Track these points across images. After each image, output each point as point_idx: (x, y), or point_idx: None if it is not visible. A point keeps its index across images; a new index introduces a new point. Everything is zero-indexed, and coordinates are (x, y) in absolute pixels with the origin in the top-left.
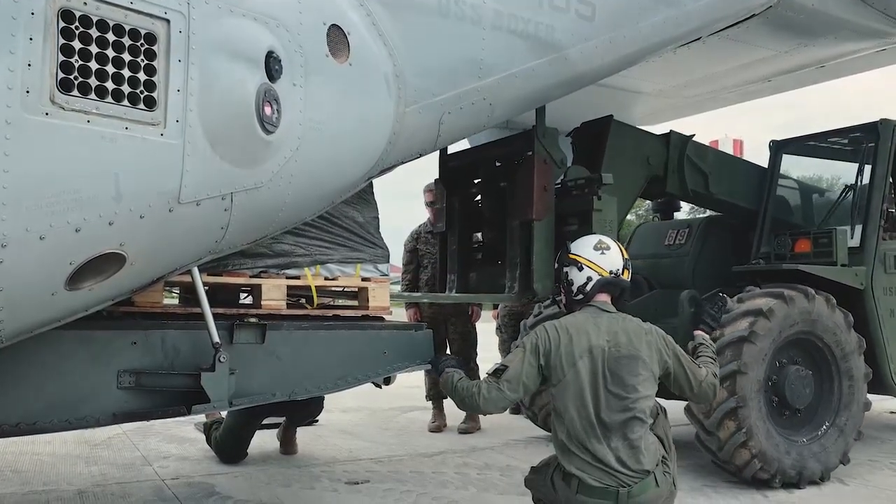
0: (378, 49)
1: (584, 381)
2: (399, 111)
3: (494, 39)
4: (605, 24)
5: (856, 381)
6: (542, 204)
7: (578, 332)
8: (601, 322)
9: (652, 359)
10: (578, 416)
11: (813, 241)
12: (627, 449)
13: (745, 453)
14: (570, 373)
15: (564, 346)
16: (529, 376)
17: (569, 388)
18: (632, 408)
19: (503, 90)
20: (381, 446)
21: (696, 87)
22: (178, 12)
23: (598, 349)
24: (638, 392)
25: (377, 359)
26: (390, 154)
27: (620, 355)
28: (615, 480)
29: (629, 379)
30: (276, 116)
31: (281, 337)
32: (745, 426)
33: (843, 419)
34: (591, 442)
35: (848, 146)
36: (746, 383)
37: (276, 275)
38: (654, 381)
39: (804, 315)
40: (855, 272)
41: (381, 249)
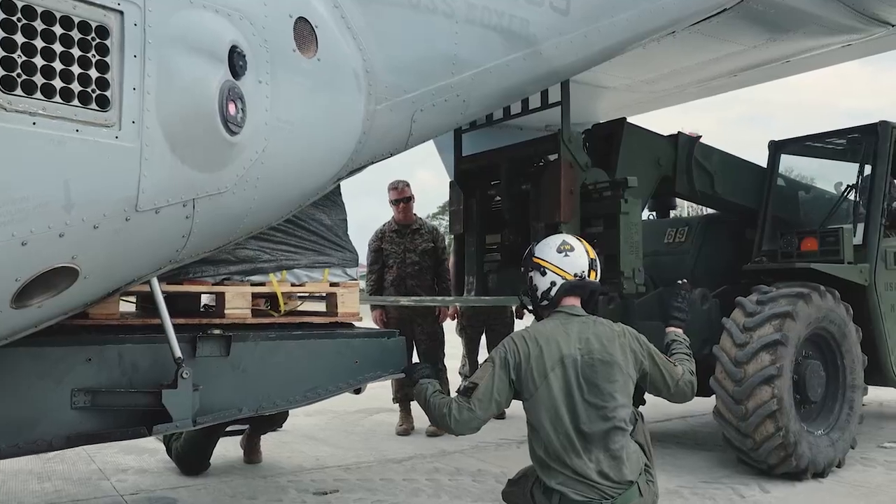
0: (347, 43)
1: (558, 394)
2: (369, 109)
3: (468, 33)
4: (579, 18)
5: (857, 369)
6: (568, 207)
7: (548, 341)
8: (571, 328)
9: (627, 362)
10: (554, 431)
11: (820, 240)
12: (609, 460)
13: (782, 452)
14: (542, 386)
15: (535, 359)
16: (501, 392)
17: (542, 402)
18: (611, 416)
19: (477, 86)
20: (348, 452)
21: (662, 82)
22: (132, 3)
23: (569, 359)
24: (616, 400)
25: (348, 368)
26: (361, 154)
27: (594, 362)
28: (598, 493)
29: (606, 386)
30: (241, 116)
31: (246, 349)
32: (782, 427)
33: (848, 406)
34: (571, 457)
35: (846, 147)
36: (783, 385)
37: (241, 282)
38: (631, 386)
39: (820, 312)
40: (860, 269)
41: (350, 253)
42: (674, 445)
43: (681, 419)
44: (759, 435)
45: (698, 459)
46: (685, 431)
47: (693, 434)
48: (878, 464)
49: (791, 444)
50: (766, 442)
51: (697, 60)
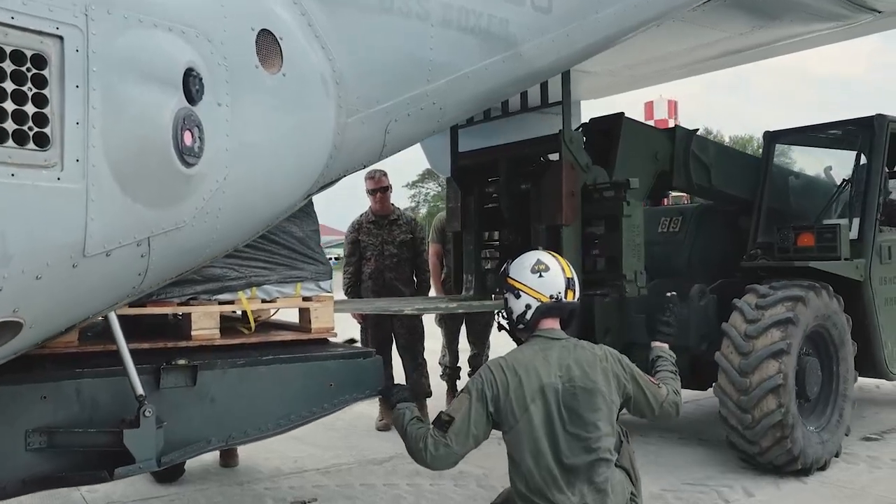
0: (315, 54)
1: (539, 427)
2: (340, 122)
3: (444, 37)
4: (562, 16)
5: (849, 363)
6: (570, 209)
7: (528, 370)
8: (551, 355)
9: (610, 388)
10: (536, 466)
11: (817, 236)
12: (594, 493)
13: (778, 433)
14: (523, 419)
15: (514, 390)
16: (478, 426)
17: (522, 435)
18: (595, 448)
19: (454, 92)
20: (327, 452)
21: (645, 67)
22: (73, 27)
23: (550, 388)
24: (599, 430)
25: (322, 392)
26: (331, 169)
27: (576, 390)
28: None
29: (589, 416)
30: (199, 145)
31: (214, 377)
32: (784, 405)
33: (839, 413)
34: (553, 492)
35: (842, 139)
36: (789, 363)
37: (208, 301)
38: (615, 413)
39: (824, 309)
40: (856, 265)
41: (323, 265)
42: (656, 439)
43: None
44: (759, 411)
45: (681, 456)
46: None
47: (676, 426)
48: (860, 460)
49: (789, 426)
50: (766, 418)
51: (682, 47)
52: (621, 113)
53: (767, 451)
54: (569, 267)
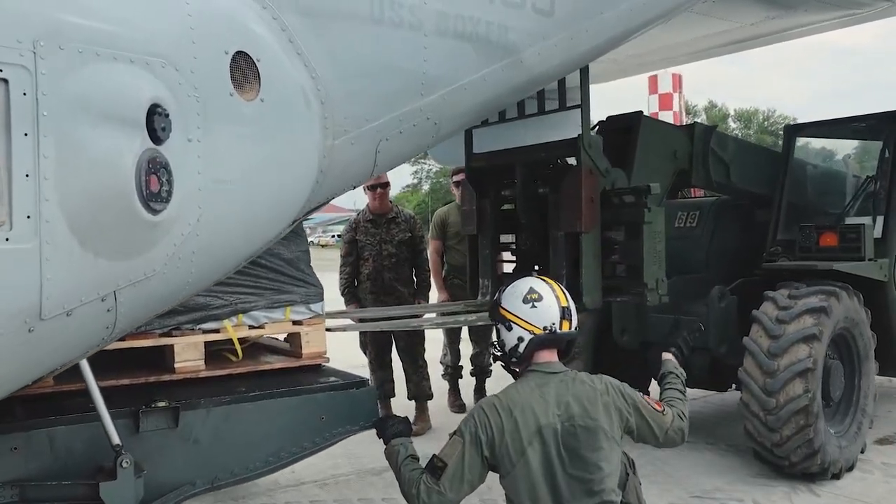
0: (297, 73)
1: (537, 471)
2: (326, 145)
3: (439, 47)
4: (565, 19)
5: (871, 378)
6: (589, 216)
7: (524, 411)
8: (548, 392)
9: (612, 424)
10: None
11: (840, 236)
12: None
13: (807, 450)
14: (520, 463)
15: (510, 433)
16: (473, 471)
17: (520, 481)
18: (598, 490)
19: (450, 105)
20: (326, 462)
21: (652, 55)
22: (19, 67)
23: (548, 429)
24: (602, 470)
25: (313, 426)
26: (318, 194)
27: (576, 430)
28: None
29: (590, 456)
30: (167, 189)
31: (197, 417)
32: (811, 423)
33: (857, 425)
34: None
35: (866, 132)
36: (815, 379)
37: (192, 330)
38: (618, 450)
39: (848, 312)
40: (880, 265)
41: (314, 287)
42: None
43: None
44: (788, 430)
45: (690, 464)
46: None
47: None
48: (875, 468)
49: (818, 441)
50: (795, 436)
51: (690, 37)
52: (639, 112)
53: (788, 441)
54: (564, 295)
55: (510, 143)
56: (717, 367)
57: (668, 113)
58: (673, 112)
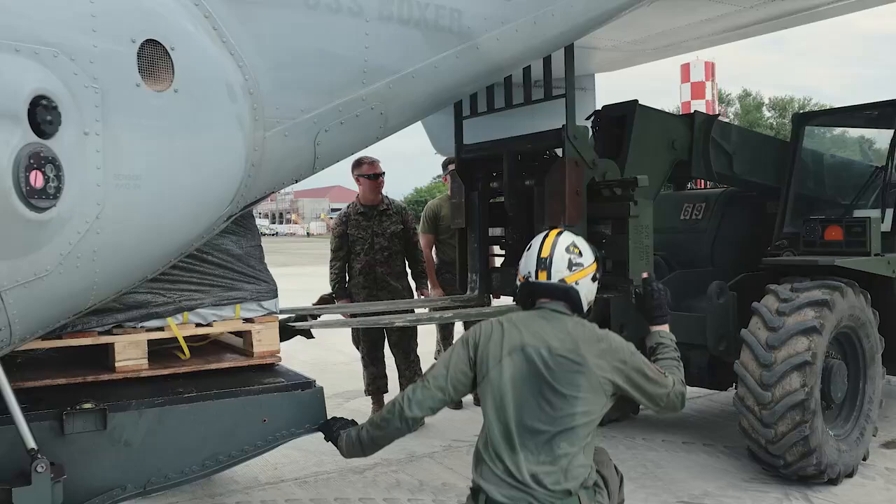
0: (221, 62)
1: (507, 382)
2: (256, 138)
3: (382, 33)
4: (527, 2)
5: (878, 366)
6: (574, 209)
7: (515, 327)
8: (547, 324)
9: (603, 370)
10: (497, 420)
11: (846, 230)
12: (548, 465)
13: (802, 449)
14: (495, 370)
15: (494, 340)
16: (458, 370)
17: (490, 386)
18: (562, 419)
19: (398, 95)
20: (309, 457)
21: (653, 42)
22: None
23: (532, 349)
24: (573, 407)
25: (255, 428)
26: (252, 189)
27: (560, 361)
28: (526, 499)
29: (565, 389)
30: (54, 185)
31: (128, 419)
32: (808, 419)
33: (860, 430)
34: (505, 452)
35: (875, 122)
36: (813, 374)
37: (134, 329)
38: (600, 397)
39: (852, 310)
40: (888, 261)
41: (267, 284)
42: (660, 444)
43: None
44: (783, 426)
45: (682, 467)
46: (674, 422)
47: (682, 429)
48: (878, 473)
49: (814, 441)
50: (790, 433)
51: (690, 22)
52: (634, 100)
53: (783, 438)
54: (551, 247)
55: (503, 134)
56: (717, 365)
57: (701, 102)
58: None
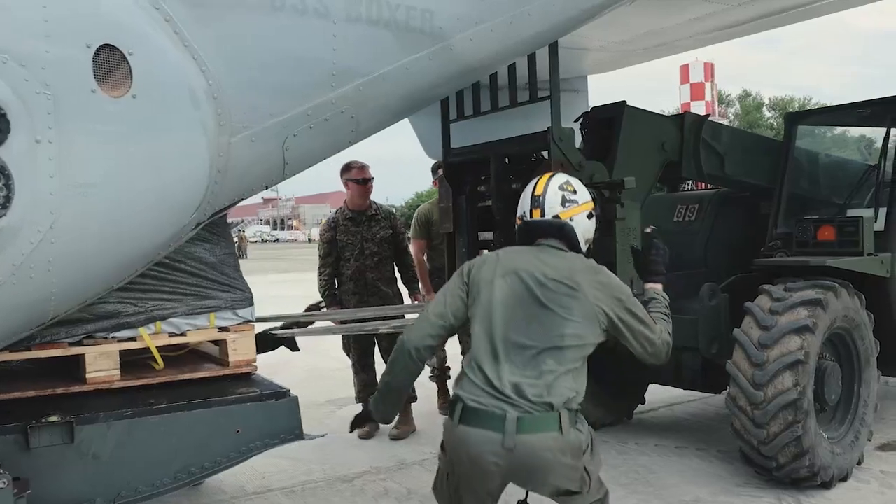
0: (183, 67)
1: (499, 300)
2: (221, 143)
3: (350, 35)
4: (502, 1)
5: (873, 369)
6: None
7: (510, 254)
8: (544, 255)
9: (598, 300)
10: (484, 335)
11: (838, 230)
12: (532, 379)
13: (795, 450)
14: (486, 290)
15: (489, 265)
16: (454, 294)
17: (481, 305)
18: (551, 337)
19: (369, 98)
20: (298, 465)
21: (641, 42)
22: None
23: (526, 273)
24: (564, 327)
25: (228, 440)
26: (219, 196)
27: (554, 283)
28: (501, 406)
29: (558, 309)
30: (3, 195)
31: (96, 432)
32: (800, 419)
33: (854, 434)
34: (489, 363)
35: (869, 119)
36: (806, 374)
37: (106, 339)
38: (593, 326)
39: (846, 311)
40: (881, 260)
41: (242, 292)
42: (652, 449)
43: (666, 407)
44: (776, 426)
45: (674, 472)
46: (668, 425)
47: (676, 433)
48: (872, 477)
49: (807, 442)
50: (782, 434)
51: (675, 21)
52: (623, 101)
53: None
54: (545, 185)
55: (493, 137)
56: (710, 368)
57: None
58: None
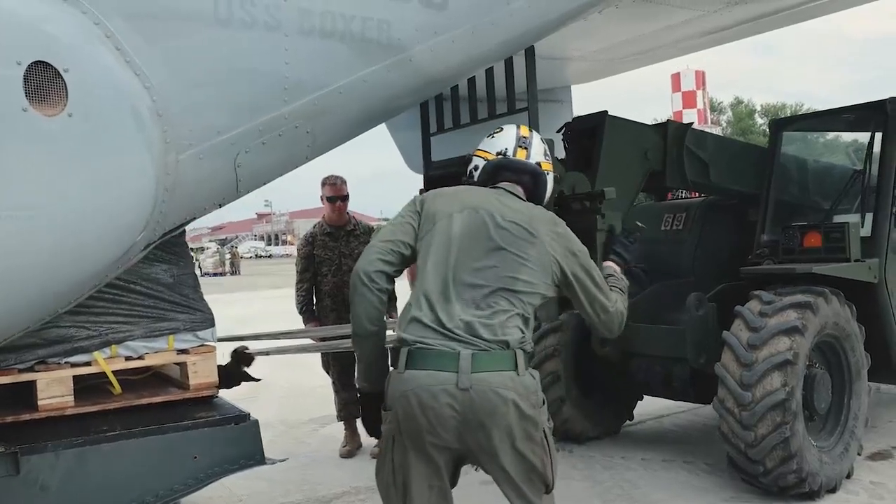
0: (125, 83)
1: (455, 234)
2: (168, 161)
3: (303, 48)
4: (463, 12)
5: (863, 382)
6: None
7: (470, 191)
8: (504, 198)
9: (554, 250)
10: (435, 271)
11: (824, 236)
12: (485, 318)
13: (782, 453)
14: (443, 222)
15: (446, 198)
16: (404, 224)
17: (434, 238)
18: (504, 279)
19: (325, 112)
20: (277, 488)
21: (621, 50)
22: None
23: (485, 211)
24: (518, 271)
25: (185, 467)
26: (168, 216)
27: (513, 226)
28: (454, 346)
29: (514, 251)
30: None
31: (44, 462)
32: (788, 420)
33: (853, 424)
34: (439, 300)
35: (854, 125)
36: (795, 375)
37: (59, 365)
38: (547, 275)
39: (826, 319)
40: (868, 266)
41: (202, 313)
42: (638, 464)
43: (655, 420)
44: (763, 427)
45: (659, 488)
46: (655, 438)
47: (662, 446)
48: (861, 487)
49: (795, 444)
50: (770, 435)
51: (652, 28)
52: (604, 111)
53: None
54: (530, 131)
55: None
56: (699, 378)
57: (693, 111)
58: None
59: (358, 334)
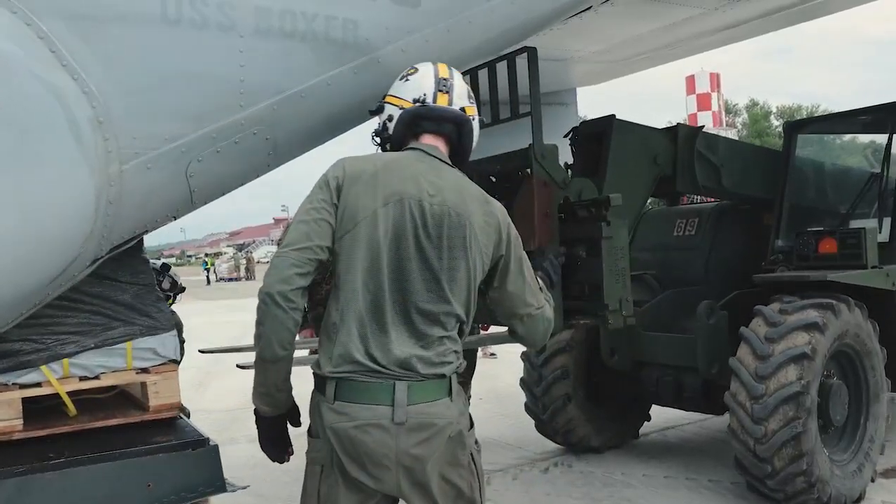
0: (60, 89)
1: (381, 239)
2: (111, 172)
3: (260, 50)
4: (437, 9)
5: (882, 405)
6: (544, 232)
7: (389, 167)
8: (426, 168)
9: (487, 236)
10: (366, 289)
11: (840, 242)
12: (423, 351)
13: (803, 481)
14: (365, 223)
15: (365, 184)
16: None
17: (359, 245)
18: (440, 299)
19: (285, 117)
20: (263, 501)
21: (622, 50)
22: None
23: (413, 199)
24: (456, 274)
25: (138, 496)
26: (114, 230)
27: (445, 213)
28: (389, 385)
29: (455, 250)
30: None
31: None
32: (805, 451)
33: (868, 446)
34: (374, 333)
35: (869, 127)
36: (807, 404)
37: (6, 386)
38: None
39: (847, 327)
40: (886, 273)
41: (164, 330)
42: (639, 480)
43: (659, 432)
44: (780, 461)
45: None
46: (659, 452)
47: (665, 462)
48: None
49: (814, 472)
50: (788, 467)
51: (651, 27)
52: (611, 116)
53: (780, 473)
54: (449, 69)
55: (477, 155)
56: (712, 388)
57: (707, 113)
58: (712, 112)
59: (265, 359)
